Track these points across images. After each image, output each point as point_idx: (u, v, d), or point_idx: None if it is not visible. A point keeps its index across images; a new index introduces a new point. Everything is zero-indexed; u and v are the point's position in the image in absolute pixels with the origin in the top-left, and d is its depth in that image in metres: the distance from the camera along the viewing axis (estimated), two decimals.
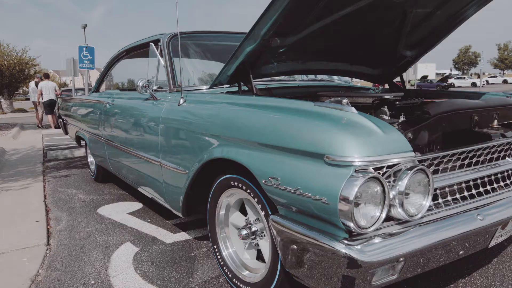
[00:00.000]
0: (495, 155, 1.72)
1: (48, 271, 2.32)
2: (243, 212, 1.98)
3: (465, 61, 60.90)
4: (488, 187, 1.66)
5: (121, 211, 3.43)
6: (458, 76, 44.13)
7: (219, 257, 2.05)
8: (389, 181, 1.31)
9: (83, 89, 13.72)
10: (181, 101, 2.30)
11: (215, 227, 2.07)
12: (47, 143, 8.19)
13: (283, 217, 1.46)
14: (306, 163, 1.35)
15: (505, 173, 1.74)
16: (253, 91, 2.17)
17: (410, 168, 1.30)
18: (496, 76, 44.90)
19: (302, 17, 1.96)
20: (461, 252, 1.53)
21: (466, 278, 2.03)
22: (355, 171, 1.23)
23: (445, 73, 52.65)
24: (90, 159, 4.73)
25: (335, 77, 3.38)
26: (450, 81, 35.21)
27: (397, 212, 1.32)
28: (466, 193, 1.58)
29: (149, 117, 2.63)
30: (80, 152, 6.68)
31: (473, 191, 1.61)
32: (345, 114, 1.39)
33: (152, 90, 2.64)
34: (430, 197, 1.37)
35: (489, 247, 1.68)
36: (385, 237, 1.32)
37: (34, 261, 2.43)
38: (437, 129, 1.58)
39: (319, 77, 3.27)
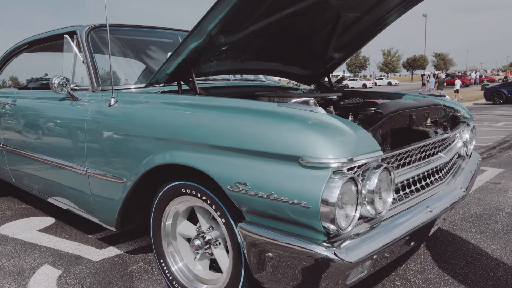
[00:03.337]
0: (432, 151, 1.87)
1: None
2: (192, 220, 1.85)
3: (357, 64, 67.40)
4: (428, 181, 1.80)
5: (29, 229, 2.96)
6: (351, 78, 48.44)
7: (167, 272, 1.88)
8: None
9: None
10: (112, 101, 2.06)
11: (161, 239, 1.89)
12: None
13: (253, 224, 1.38)
14: (278, 166, 1.29)
15: (438, 167, 1.91)
16: (196, 90, 2.04)
17: (377, 167, 1.33)
18: (382, 78, 50.38)
19: (247, 15, 1.90)
20: (412, 243, 1.63)
21: (403, 265, 2.19)
22: (333, 172, 1.21)
23: (339, 75, 57.36)
24: None
25: (261, 76, 3.39)
26: (344, 82, 38.44)
27: (367, 210, 1.34)
28: (413, 188, 1.69)
29: (69, 120, 2.31)
30: None
31: (418, 185, 1.73)
32: (314, 115, 1.36)
33: (70, 89, 2.32)
34: (392, 194, 1.43)
35: (429, 235, 1.83)
36: (354, 236, 1.33)
37: None
38: (388, 128, 1.66)
39: (251, 77, 3.24)
